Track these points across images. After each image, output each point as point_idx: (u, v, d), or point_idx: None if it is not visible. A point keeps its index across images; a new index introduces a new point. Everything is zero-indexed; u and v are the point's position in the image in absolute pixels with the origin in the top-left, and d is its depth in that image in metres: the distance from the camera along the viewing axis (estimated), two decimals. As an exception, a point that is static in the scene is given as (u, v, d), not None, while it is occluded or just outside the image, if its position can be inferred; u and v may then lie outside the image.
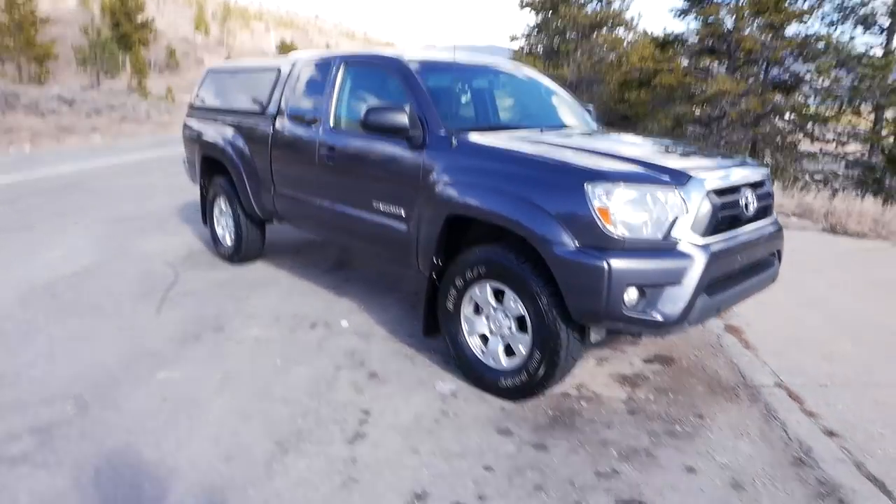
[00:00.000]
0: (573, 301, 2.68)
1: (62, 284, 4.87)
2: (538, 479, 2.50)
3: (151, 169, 12.43)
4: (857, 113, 15.63)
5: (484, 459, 2.64)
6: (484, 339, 3.20)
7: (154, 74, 41.83)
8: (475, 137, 3.28)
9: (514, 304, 2.96)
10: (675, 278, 2.64)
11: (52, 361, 3.52)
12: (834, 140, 15.80)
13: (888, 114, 14.44)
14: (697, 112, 17.71)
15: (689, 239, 2.69)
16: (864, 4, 15.14)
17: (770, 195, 3.32)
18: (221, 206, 5.50)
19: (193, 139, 5.78)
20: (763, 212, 3.20)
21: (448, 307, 3.24)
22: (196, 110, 5.90)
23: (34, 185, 9.99)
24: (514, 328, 3.03)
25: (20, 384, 3.24)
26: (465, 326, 3.23)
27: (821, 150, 16.60)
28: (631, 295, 2.63)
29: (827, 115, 15.53)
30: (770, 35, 15.20)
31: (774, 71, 17.59)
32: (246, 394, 3.17)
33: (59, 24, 44.29)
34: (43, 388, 3.19)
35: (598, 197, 2.61)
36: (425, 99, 3.46)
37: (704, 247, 2.71)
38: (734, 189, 2.95)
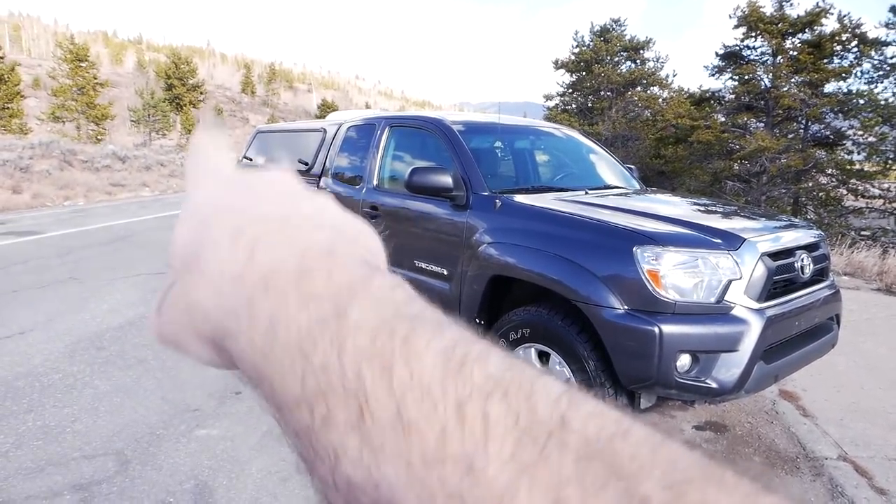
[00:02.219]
0: (622, 366, 2.59)
1: (108, 337, 4.97)
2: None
3: (196, 223, 12.80)
4: (904, 169, 15.25)
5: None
6: (528, 402, 3.11)
7: (202, 132, 43.82)
8: (519, 198, 3.29)
9: (560, 368, 2.88)
10: (730, 344, 2.54)
11: (95, 415, 3.55)
12: (881, 196, 15.40)
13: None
14: (736, 168, 17.56)
15: (743, 304, 2.60)
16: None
17: (826, 257, 3.21)
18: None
19: (240, 196, 5.96)
20: (820, 275, 3.09)
21: (491, 369, 3.17)
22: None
23: (86, 237, 10.40)
24: (559, 392, 2.93)
25: (64, 439, 3.26)
26: (508, 389, 3.14)
27: (867, 205, 16.18)
28: (683, 361, 2.54)
29: (872, 170, 15.20)
30: (809, 93, 15.12)
31: (815, 127, 17.41)
32: (285, 453, 3.12)
33: (118, 86, 47.20)
34: (85, 443, 3.21)
35: (648, 260, 2.56)
36: (469, 160, 3.50)
37: (760, 311, 2.62)
38: (789, 252, 2.87)
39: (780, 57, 15.79)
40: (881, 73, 15.49)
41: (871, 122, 13.87)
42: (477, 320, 3.26)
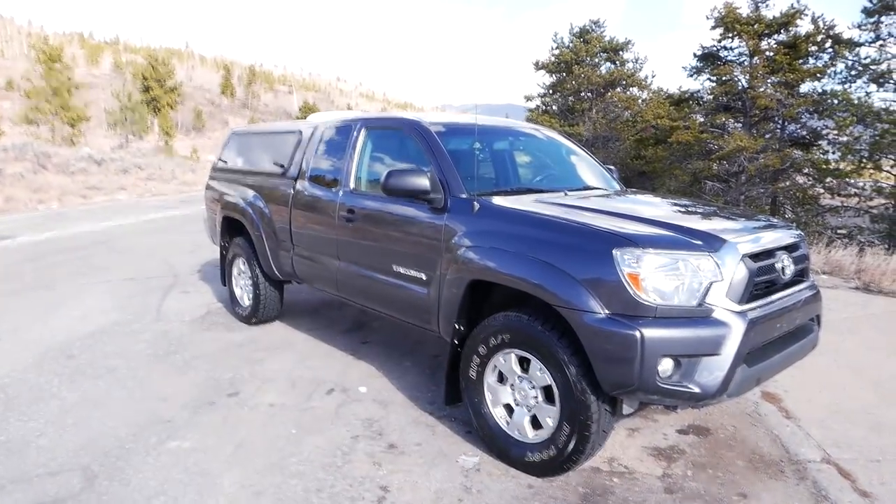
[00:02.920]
0: (603, 372, 2.54)
1: (78, 345, 4.82)
2: (571, 569, 2.30)
3: (175, 227, 12.60)
4: (878, 167, 15.48)
5: (511, 545, 2.45)
6: (509, 409, 3.05)
7: (181, 135, 43.32)
8: (498, 201, 3.22)
9: (541, 374, 2.82)
10: (713, 348, 2.49)
11: (61, 429, 3.41)
12: (856, 194, 15.62)
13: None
14: (715, 168, 17.69)
15: (725, 306, 2.56)
16: (877, 63, 15.25)
17: (806, 258, 3.19)
18: (240, 266, 5.48)
19: (215, 200, 5.83)
20: (800, 275, 3.07)
21: (471, 375, 3.11)
22: (219, 172, 5.97)
23: (59, 242, 10.15)
24: (540, 399, 2.87)
25: (28, 454, 3.13)
26: (488, 396, 3.08)
27: (843, 203, 16.39)
28: (665, 365, 2.49)
29: (847, 169, 15.39)
30: (786, 93, 15.28)
31: (791, 127, 17.61)
32: (259, 466, 3.02)
33: (94, 88, 46.39)
34: (50, 459, 3.08)
35: (628, 263, 2.51)
36: (446, 162, 3.43)
37: (742, 314, 2.58)
38: (769, 253, 2.84)
39: (756, 58, 15.96)
40: (854, 73, 15.71)
41: (845, 122, 14.05)
42: (456, 325, 3.18)
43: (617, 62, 23.27)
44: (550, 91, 24.33)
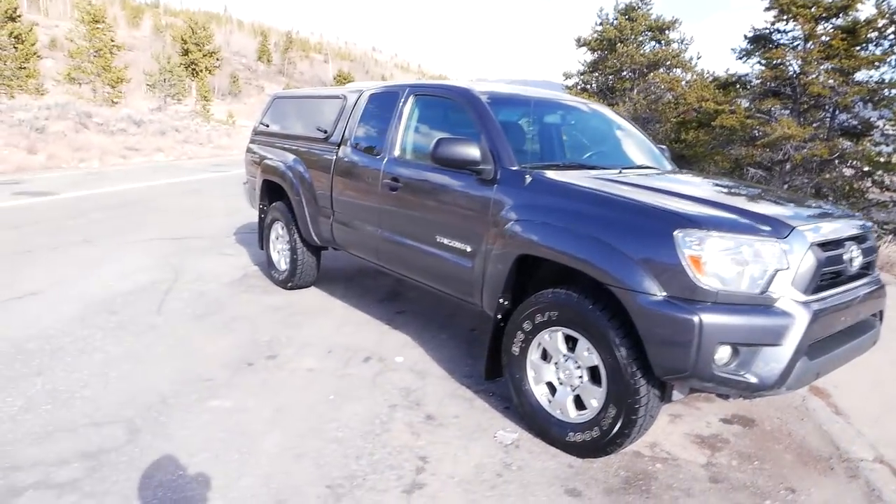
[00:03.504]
0: (657, 356, 2.46)
1: (120, 301, 4.90)
2: (614, 553, 2.26)
3: (210, 190, 12.74)
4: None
5: (552, 524, 2.41)
6: (551, 387, 2.99)
7: (217, 99, 43.65)
8: (551, 175, 3.12)
9: (588, 354, 2.75)
10: (774, 338, 2.39)
11: (105, 381, 3.47)
12: (907, 189, 15.00)
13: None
14: (758, 155, 17.14)
15: (789, 296, 2.44)
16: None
17: (874, 250, 3.03)
18: (278, 231, 5.49)
19: (256, 163, 5.83)
20: (866, 268, 2.92)
21: (514, 351, 3.05)
22: (260, 135, 5.96)
23: (100, 200, 10.34)
24: (586, 379, 2.81)
25: (73, 404, 3.19)
26: (530, 373, 3.03)
27: (891, 198, 15.77)
28: (722, 353, 2.40)
29: (899, 163, 14.76)
30: (840, 80, 14.64)
31: (842, 116, 16.91)
32: (299, 430, 3.03)
33: (134, 50, 46.92)
34: (95, 410, 3.14)
35: (690, 245, 2.40)
36: (497, 132, 3.34)
37: (806, 305, 2.46)
38: (838, 243, 2.70)
39: (811, 42, 15.27)
40: (916, 61, 14.96)
41: (902, 113, 13.42)
42: (500, 300, 3.12)
43: (662, 41, 22.56)
44: (591, 69, 23.76)
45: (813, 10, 15.14)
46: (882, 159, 14.94)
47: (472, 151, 3.21)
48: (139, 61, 45.24)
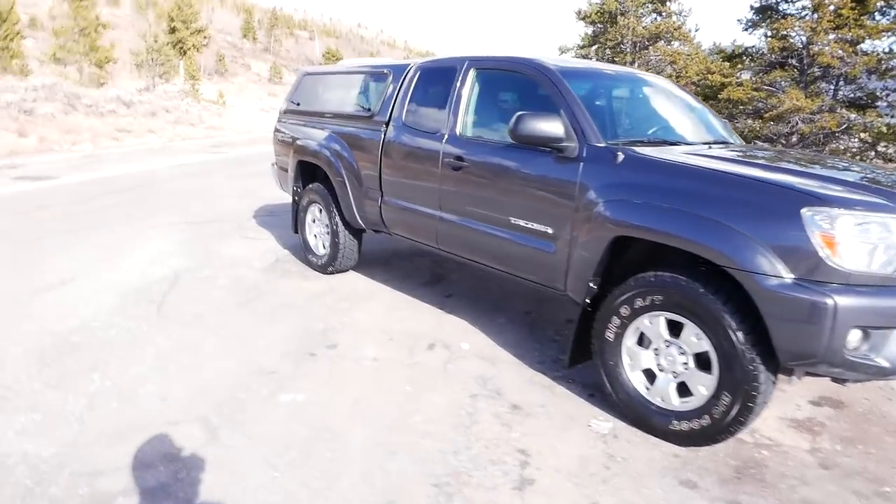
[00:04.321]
0: (784, 341, 2.33)
1: (156, 290, 4.71)
2: (751, 549, 2.16)
3: (211, 171, 12.44)
4: (940, 133, 14.78)
5: (677, 519, 2.30)
6: (648, 374, 2.87)
7: (204, 79, 42.67)
8: (646, 151, 2.96)
9: (697, 340, 2.62)
10: (908, 320, 2.27)
11: (166, 376, 3.31)
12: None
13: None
14: (762, 128, 17.04)
15: (921, 274, 2.32)
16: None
17: None
18: (315, 213, 5.29)
19: (287, 143, 5.60)
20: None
21: (608, 337, 2.91)
22: (290, 114, 5.72)
23: (103, 184, 10.04)
24: (692, 365, 2.68)
25: (140, 402, 3.02)
26: (626, 360, 2.90)
27: None
28: (854, 337, 2.28)
29: (904, 134, 14.72)
30: (850, 50, 14.52)
31: (846, 88, 16.82)
32: (383, 423, 2.89)
33: (116, 28, 45.62)
34: (165, 408, 2.97)
35: (820, 224, 2.26)
36: (579, 107, 3.16)
37: (942, 284, 2.34)
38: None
39: (820, 12, 15.07)
40: (923, 32, 14.83)
41: (913, 84, 13.34)
42: (591, 285, 2.97)
43: (663, 13, 22.26)
44: (590, 42, 23.42)
45: (822, -22, 14.92)
46: (886, 130, 14.89)
47: (556, 128, 3.03)
48: (122, 40, 43.97)
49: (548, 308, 4.56)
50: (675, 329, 2.72)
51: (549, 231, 3.19)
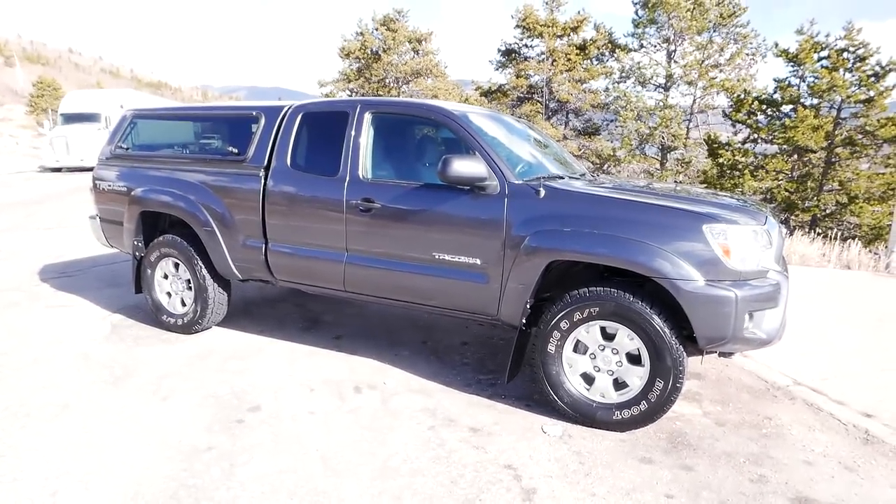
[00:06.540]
0: (703, 330, 2.97)
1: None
2: (716, 497, 2.70)
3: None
4: (644, 155, 18.76)
5: (657, 489, 2.76)
6: (585, 377, 3.32)
7: None
8: (562, 185, 3.44)
9: (630, 340, 3.15)
10: (773, 302, 3.08)
11: (84, 489, 2.77)
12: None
13: (674, 155, 17.68)
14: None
15: (773, 267, 3.17)
16: (640, 69, 18.44)
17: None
18: (169, 268, 4.77)
19: (119, 193, 4.94)
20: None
21: (549, 350, 3.30)
22: (117, 160, 5.06)
23: None
24: (625, 362, 3.21)
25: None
26: (566, 367, 3.32)
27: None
28: (748, 319, 3.01)
29: (623, 157, 18.37)
30: (580, 88, 17.63)
31: (575, 120, 20.30)
32: (368, 473, 2.85)
33: None
34: (108, 514, 2.52)
35: (718, 237, 2.96)
36: (492, 150, 3.52)
37: (782, 273, 3.22)
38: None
39: (553, 56, 18.04)
40: (624, 74, 18.74)
41: (627, 116, 16.74)
42: (527, 306, 3.33)
43: (420, 52, 24.18)
44: (356, 76, 24.32)
45: (552, 28, 17.91)
46: (612, 153, 18.40)
47: (479, 168, 3.35)
48: None
49: (439, 335, 4.81)
50: (607, 334, 3.22)
51: (478, 262, 3.47)
